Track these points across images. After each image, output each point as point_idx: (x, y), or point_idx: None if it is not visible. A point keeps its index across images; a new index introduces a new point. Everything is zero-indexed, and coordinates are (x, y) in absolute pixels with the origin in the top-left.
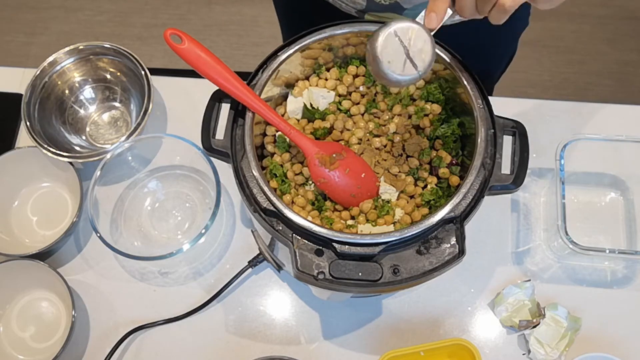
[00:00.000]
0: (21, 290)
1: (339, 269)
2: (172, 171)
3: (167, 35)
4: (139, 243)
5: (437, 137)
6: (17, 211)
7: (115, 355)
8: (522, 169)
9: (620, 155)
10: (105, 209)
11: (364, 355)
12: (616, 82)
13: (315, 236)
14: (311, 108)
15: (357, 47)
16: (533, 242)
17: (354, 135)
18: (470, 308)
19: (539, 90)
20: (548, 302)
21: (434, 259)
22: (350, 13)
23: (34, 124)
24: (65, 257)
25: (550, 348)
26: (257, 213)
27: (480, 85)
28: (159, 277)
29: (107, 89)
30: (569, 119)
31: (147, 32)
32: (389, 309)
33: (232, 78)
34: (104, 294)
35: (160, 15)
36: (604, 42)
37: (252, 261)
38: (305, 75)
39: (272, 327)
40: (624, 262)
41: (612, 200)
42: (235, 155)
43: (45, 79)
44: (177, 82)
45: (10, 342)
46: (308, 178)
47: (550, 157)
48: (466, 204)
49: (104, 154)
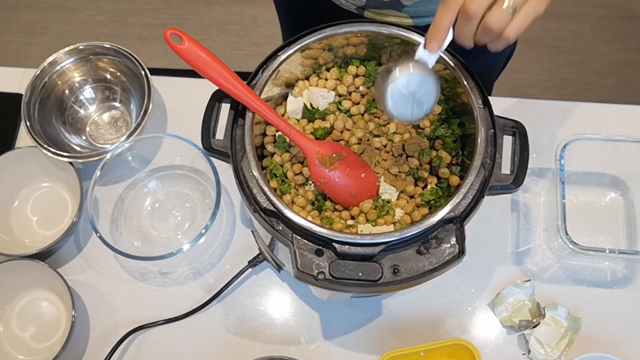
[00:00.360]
0: (21, 290)
1: (339, 269)
2: (172, 171)
3: (167, 35)
4: (139, 243)
5: (437, 137)
6: (17, 211)
7: (115, 355)
8: (522, 169)
9: (620, 155)
10: (105, 209)
11: (364, 355)
12: (616, 82)
13: (315, 236)
14: (311, 108)
15: (357, 47)
16: (533, 242)
17: (354, 135)
18: (470, 308)
19: (539, 90)
20: (548, 302)
21: (434, 259)
22: (350, 10)
23: (34, 124)
24: (65, 257)
25: (550, 348)
26: (257, 213)
27: (480, 85)
28: (159, 277)
29: (107, 89)
30: (569, 119)
31: (147, 32)
32: (389, 309)
33: (232, 78)
34: (104, 294)
35: (160, 15)
36: (604, 42)
37: (252, 261)
38: (305, 75)
39: (272, 327)
40: (624, 262)
41: (612, 200)
42: (235, 155)
43: (45, 79)
44: (177, 82)
45: (10, 342)
46: (308, 178)
47: (550, 157)
48: (466, 204)
49: (104, 154)
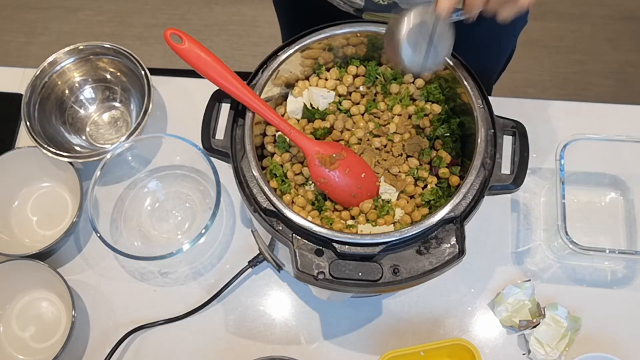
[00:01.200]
0: (21, 290)
1: (339, 269)
2: (172, 171)
3: (167, 35)
4: (139, 243)
5: (437, 137)
6: (17, 211)
7: (115, 355)
8: (522, 169)
9: (620, 155)
10: (105, 209)
11: (364, 355)
12: (616, 82)
13: (315, 236)
14: (311, 108)
15: (357, 47)
16: (533, 242)
17: (354, 135)
18: (470, 308)
19: (539, 90)
20: (548, 302)
21: (434, 259)
22: (349, 12)
23: (34, 124)
24: (65, 257)
25: (550, 348)
26: (257, 213)
27: (480, 85)
28: (159, 277)
29: (107, 89)
30: (569, 119)
31: (147, 32)
32: (389, 309)
33: (232, 78)
34: (104, 294)
35: (160, 15)
36: (604, 42)
37: (252, 261)
38: (305, 75)
39: (272, 327)
40: (624, 262)
41: (612, 200)
42: (235, 155)
43: (45, 79)
44: (177, 82)
45: (10, 342)
46: (308, 178)
47: (550, 157)
48: (466, 204)
49: (104, 154)
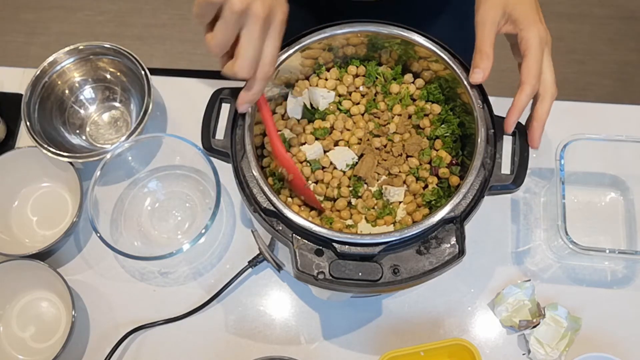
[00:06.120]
0: (21, 290)
1: (339, 269)
2: (172, 171)
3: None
4: (139, 243)
5: (437, 137)
6: (17, 211)
7: (115, 355)
8: (522, 169)
9: (620, 155)
10: (105, 209)
11: (364, 355)
12: (616, 82)
13: (315, 236)
14: (311, 108)
15: (357, 47)
16: (533, 242)
17: (354, 135)
18: (470, 308)
19: None
20: (548, 302)
21: (434, 259)
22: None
23: (34, 124)
24: (65, 257)
25: (550, 348)
26: (257, 213)
27: (480, 85)
28: (159, 277)
29: (107, 89)
30: (569, 119)
31: (147, 32)
32: (389, 309)
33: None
34: (104, 294)
35: (160, 15)
36: (604, 42)
37: (252, 261)
38: (305, 75)
39: (272, 327)
40: (624, 262)
41: (612, 200)
42: (235, 155)
43: (45, 79)
44: (177, 82)
45: (10, 342)
46: (308, 178)
47: (550, 157)
48: (466, 204)
49: (104, 154)
